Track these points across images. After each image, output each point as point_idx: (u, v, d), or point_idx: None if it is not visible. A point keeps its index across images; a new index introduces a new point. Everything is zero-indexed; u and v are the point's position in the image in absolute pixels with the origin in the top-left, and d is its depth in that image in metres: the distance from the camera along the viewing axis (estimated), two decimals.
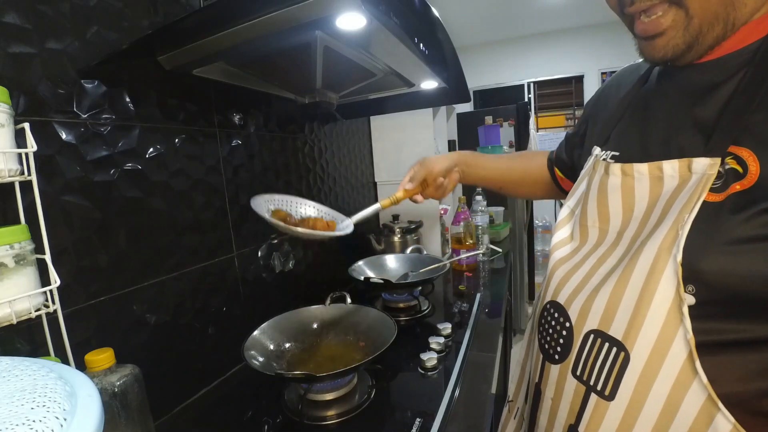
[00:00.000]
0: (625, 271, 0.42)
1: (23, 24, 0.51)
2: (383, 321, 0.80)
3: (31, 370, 0.30)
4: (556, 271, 0.54)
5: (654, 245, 0.40)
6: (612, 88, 0.61)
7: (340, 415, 0.67)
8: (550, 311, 0.52)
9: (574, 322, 0.47)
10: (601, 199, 0.49)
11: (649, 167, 0.44)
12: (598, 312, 0.44)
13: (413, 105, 1.15)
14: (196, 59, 0.64)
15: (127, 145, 0.65)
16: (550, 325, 0.52)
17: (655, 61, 0.45)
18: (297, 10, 0.51)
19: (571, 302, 0.48)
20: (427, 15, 0.63)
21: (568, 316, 0.48)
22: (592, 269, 0.48)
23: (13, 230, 0.47)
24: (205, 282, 0.79)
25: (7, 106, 0.47)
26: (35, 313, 0.49)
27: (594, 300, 0.45)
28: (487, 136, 2.91)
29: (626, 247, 0.45)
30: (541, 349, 0.53)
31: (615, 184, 0.48)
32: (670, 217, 0.40)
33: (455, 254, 1.44)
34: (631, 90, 0.55)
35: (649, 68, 0.54)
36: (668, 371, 0.38)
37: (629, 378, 0.40)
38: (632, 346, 0.40)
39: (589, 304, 0.46)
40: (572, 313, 0.48)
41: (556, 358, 0.49)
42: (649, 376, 0.39)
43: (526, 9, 3.48)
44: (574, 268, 0.51)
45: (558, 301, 0.51)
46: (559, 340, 0.49)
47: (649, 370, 0.39)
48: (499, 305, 1.14)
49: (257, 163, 0.95)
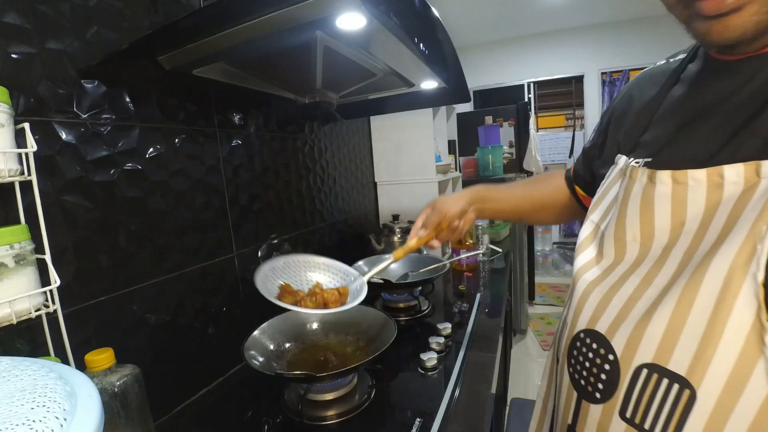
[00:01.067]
0: (684, 293, 0.36)
1: (23, 24, 0.51)
2: (383, 321, 0.80)
3: (31, 370, 0.30)
4: (590, 295, 0.47)
5: (723, 262, 0.34)
6: (633, 94, 0.55)
7: (340, 415, 0.67)
8: (585, 342, 0.45)
9: (620, 354, 0.41)
10: (645, 211, 0.43)
11: (708, 173, 0.38)
12: (653, 342, 0.38)
13: (413, 105, 1.15)
14: (196, 59, 0.64)
15: (127, 145, 0.65)
16: (586, 357, 0.45)
17: (725, 43, 0.38)
18: (297, 10, 0.51)
19: (614, 331, 0.42)
20: (427, 15, 0.63)
21: (612, 347, 0.42)
22: (636, 291, 0.42)
23: (13, 230, 0.47)
24: (205, 282, 0.79)
25: (7, 106, 0.47)
26: (35, 313, 0.49)
27: (645, 328, 0.39)
28: (487, 136, 2.91)
29: (678, 265, 0.39)
30: (574, 385, 0.47)
31: (663, 193, 0.42)
32: (741, 229, 0.34)
33: (455, 254, 1.44)
34: (660, 92, 0.49)
35: (677, 69, 0.49)
36: (744, 412, 0.32)
37: (695, 421, 0.34)
38: (699, 382, 0.34)
39: (639, 332, 0.39)
40: (617, 344, 0.41)
41: (598, 397, 0.43)
42: (721, 418, 0.33)
43: (526, 9, 3.48)
44: (611, 291, 0.45)
45: (597, 329, 0.44)
46: (600, 376, 0.43)
47: (721, 410, 0.33)
48: (499, 305, 1.14)
49: (257, 163, 0.95)
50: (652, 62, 0.56)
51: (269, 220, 0.99)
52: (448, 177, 1.84)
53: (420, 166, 1.63)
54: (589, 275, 0.48)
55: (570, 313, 0.49)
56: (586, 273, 0.49)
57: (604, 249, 0.48)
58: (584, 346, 0.46)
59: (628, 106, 0.55)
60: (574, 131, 4.31)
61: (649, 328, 0.38)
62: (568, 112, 4.35)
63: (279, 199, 1.03)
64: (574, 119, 4.31)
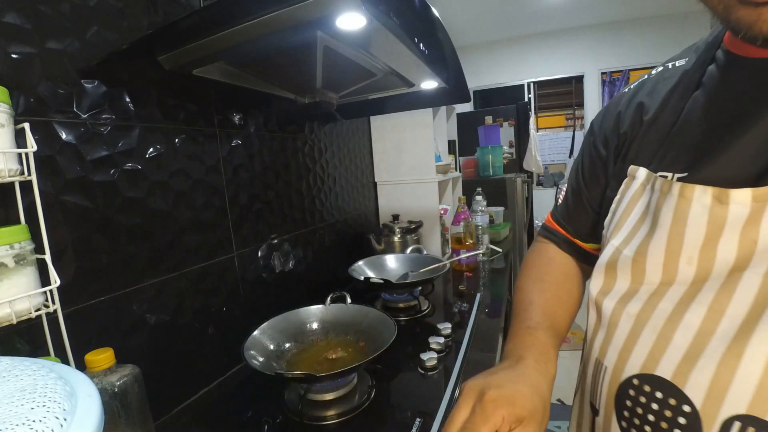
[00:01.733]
0: None
1: (23, 24, 0.51)
2: (383, 321, 0.80)
3: (31, 370, 0.30)
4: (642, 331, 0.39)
5: None
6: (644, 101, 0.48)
7: (340, 415, 0.67)
8: (642, 390, 0.38)
9: (700, 405, 0.34)
10: (713, 233, 0.37)
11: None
12: (745, 389, 0.32)
13: (413, 105, 1.15)
14: (196, 59, 0.64)
15: (127, 145, 0.65)
16: (647, 409, 0.37)
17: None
18: (297, 10, 0.51)
19: (685, 376, 0.35)
20: (427, 15, 0.63)
21: (686, 396, 0.35)
22: (705, 324, 0.35)
23: (13, 230, 0.47)
24: (205, 282, 0.79)
25: (7, 106, 0.47)
26: (35, 313, 0.49)
27: (735, 370, 0.32)
28: (487, 136, 2.92)
29: (758, 291, 0.33)
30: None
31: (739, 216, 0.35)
32: None
33: (455, 254, 1.44)
34: (677, 99, 0.44)
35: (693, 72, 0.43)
36: None
37: None
38: None
39: (724, 377, 0.33)
40: (693, 392, 0.34)
41: None
42: None
43: (526, 9, 3.48)
44: (669, 325, 0.37)
45: (658, 375, 0.37)
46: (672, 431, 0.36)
47: None
48: (499, 305, 1.14)
49: (257, 163, 0.95)
50: (652, 62, 0.53)
51: (269, 220, 0.99)
52: (448, 177, 1.84)
53: (420, 166, 1.63)
54: (632, 307, 0.41)
55: (611, 353, 0.42)
56: (628, 304, 0.42)
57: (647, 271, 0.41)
58: (642, 395, 0.38)
59: (630, 118, 0.48)
60: (574, 131, 4.31)
61: (740, 372, 0.32)
62: (568, 112, 4.35)
63: (279, 199, 1.03)
64: (574, 119, 4.31)
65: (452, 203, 1.98)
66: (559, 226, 0.61)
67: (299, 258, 1.10)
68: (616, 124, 0.50)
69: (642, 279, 0.41)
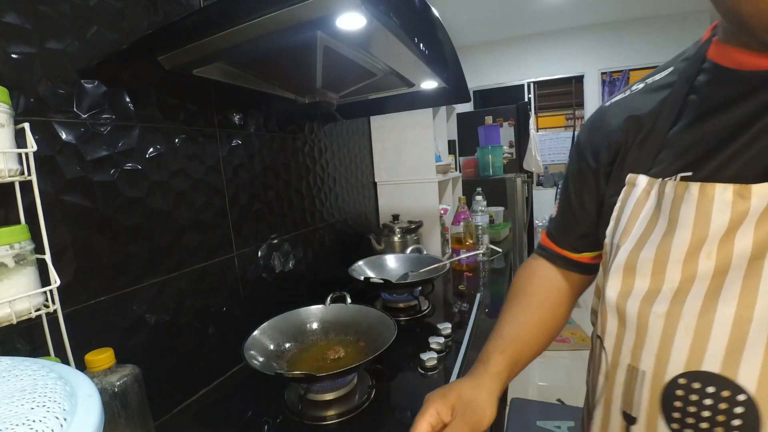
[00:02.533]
0: None
1: (23, 24, 0.51)
2: (383, 321, 0.80)
3: (31, 370, 0.30)
4: (676, 330, 0.39)
5: None
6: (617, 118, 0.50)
7: (340, 415, 0.67)
8: (692, 388, 0.38)
9: (755, 391, 0.34)
10: (733, 227, 0.38)
11: None
12: None
13: (413, 105, 1.15)
14: (196, 59, 0.64)
15: (127, 145, 0.65)
16: (701, 406, 0.37)
17: None
18: (297, 10, 0.51)
19: (734, 365, 0.35)
20: (427, 15, 0.63)
21: (738, 386, 0.35)
22: (741, 311, 0.36)
23: (13, 230, 0.47)
24: (205, 282, 0.79)
25: (7, 106, 0.47)
26: (35, 313, 0.49)
27: None
28: (487, 136, 2.92)
29: None
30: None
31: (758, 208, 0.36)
32: None
33: (455, 254, 1.44)
34: (670, 107, 0.45)
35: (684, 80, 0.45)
36: None
37: None
38: None
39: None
40: (745, 381, 0.35)
41: None
42: None
43: (526, 9, 3.48)
44: (704, 319, 0.37)
45: (705, 370, 0.37)
46: (730, 423, 0.36)
47: None
48: (499, 305, 1.14)
49: (257, 163, 0.95)
50: (652, 62, 0.54)
51: (269, 220, 0.99)
52: (448, 177, 1.84)
53: (420, 166, 1.63)
54: (659, 307, 0.41)
55: (646, 357, 0.41)
56: (653, 305, 0.41)
57: (664, 273, 0.41)
58: (692, 393, 0.38)
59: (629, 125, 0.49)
60: (574, 131, 4.31)
61: None
62: (568, 112, 4.35)
63: (279, 199, 1.03)
64: (574, 119, 4.31)
65: (452, 203, 1.98)
66: (551, 240, 0.62)
67: (299, 258, 1.10)
68: (607, 136, 0.51)
69: (663, 278, 0.41)
